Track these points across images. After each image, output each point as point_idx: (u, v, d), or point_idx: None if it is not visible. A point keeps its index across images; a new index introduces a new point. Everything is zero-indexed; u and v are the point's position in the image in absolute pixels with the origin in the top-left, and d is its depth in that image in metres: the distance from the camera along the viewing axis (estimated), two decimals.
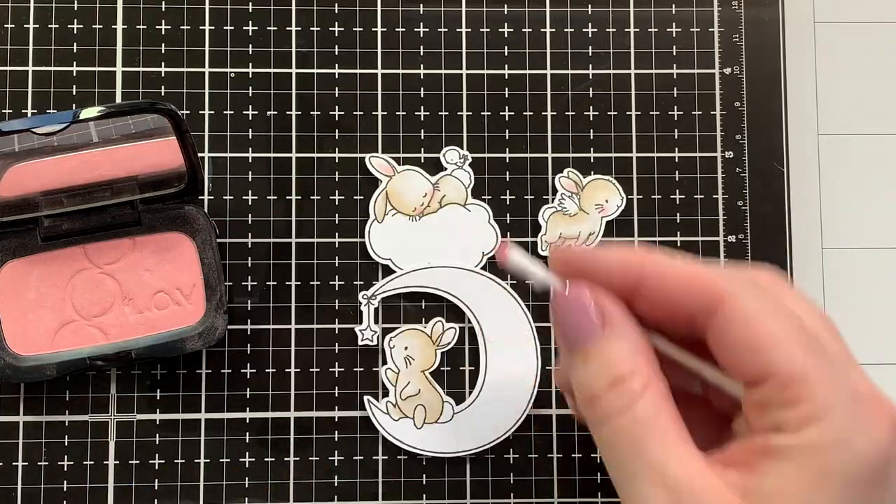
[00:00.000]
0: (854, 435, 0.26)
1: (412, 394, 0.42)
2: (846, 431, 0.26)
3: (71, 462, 0.42)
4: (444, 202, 0.43)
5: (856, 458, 0.26)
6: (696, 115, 0.44)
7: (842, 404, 0.27)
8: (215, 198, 0.43)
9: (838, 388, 0.27)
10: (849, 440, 0.26)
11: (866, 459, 0.26)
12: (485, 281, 0.43)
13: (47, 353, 0.40)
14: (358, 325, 0.42)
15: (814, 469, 0.26)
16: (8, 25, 0.43)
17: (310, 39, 0.44)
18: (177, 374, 0.42)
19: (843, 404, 0.27)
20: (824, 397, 0.27)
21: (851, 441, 0.26)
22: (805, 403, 0.27)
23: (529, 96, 0.44)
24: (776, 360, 0.27)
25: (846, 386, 0.27)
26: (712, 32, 0.45)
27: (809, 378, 0.27)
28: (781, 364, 0.27)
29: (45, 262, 0.41)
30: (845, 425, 0.26)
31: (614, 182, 0.44)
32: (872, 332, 0.44)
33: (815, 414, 0.27)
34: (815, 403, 0.27)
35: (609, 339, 0.29)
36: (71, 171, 0.39)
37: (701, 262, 0.30)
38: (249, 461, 0.42)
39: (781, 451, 0.27)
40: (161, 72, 0.43)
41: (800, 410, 0.27)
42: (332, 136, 0.44)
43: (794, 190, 0.44)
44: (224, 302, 0.41)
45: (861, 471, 0.26)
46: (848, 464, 0.26)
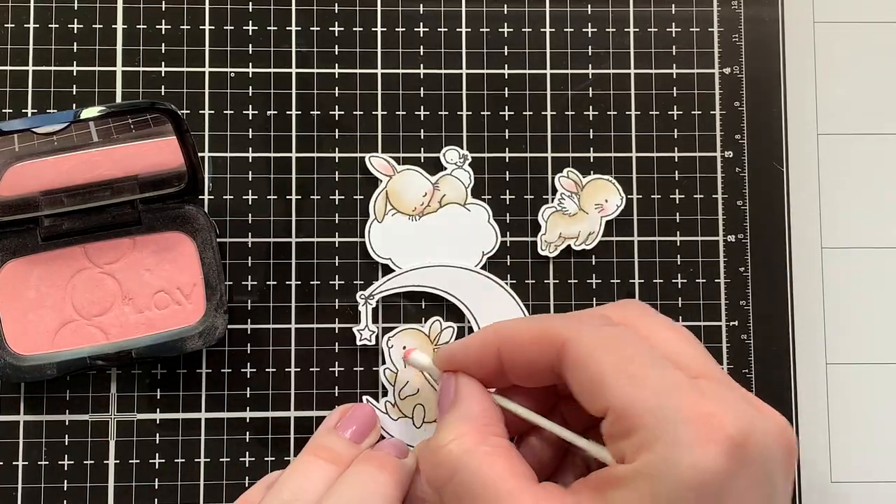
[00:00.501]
0: (678, 459, 0.27)
1: (411, 393, 0.42)
2: (670, 456, 0.27)
3: (71, 461, 0.42)
4: (444, 202, 0.43)
5: (681, 482, 0.27)
6: (696, 114, 0.44)
7: (667, 430, 0.28)
8: (215, 197, 0.43)
9: (665, 414, 0.28)
10: (673, 465, 0.27)
11: (691, 482, 0.27)
12: (484, 280, 0.43)
13: (47, 353, 0.40)
14: (357, 324, 0.43)
15: (646, 496, 0.28)
16: (8, 25, 0.43)
17: (310, 39, 0.44)
18: (177, 373, 0.42)
19: (669, 430, 0.28)
20: (652, 425, 0.28)
21: (675, 466, 0.27)
22: (636, 433, 0.28)
23: (529, 96, 0.44)
24: (609, 396, 0.29)
25: (674, 410, 0.28)
26: (712, 32, 0.45)
27: (637, 408, 0.28)
28: (613, 398, 0.29)
29: (45, 262, 0.41)
30: (670, 451, 0.27)
31: (614, 182, 0.44)
32: (872, 331, 0.44)
33: (645, 442, 0.28)
34: (644, 432, 0.28)
35: (449, 413, 0.34)
36: (71, 171, 0.39)
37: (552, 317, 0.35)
38: (249, 461, 0.42)
39: (621, 479, 0.28)
40: (161, 71, 0.43)
41: (632, 440, 0.28)
42: (332, 136, 0.44)
43: (793, 190, 0.44)
44: (224, 301, 0.41)
45: (688, 494, 0.27)
46: (674, 488, 0.27)
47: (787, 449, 0.29)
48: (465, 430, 0.33)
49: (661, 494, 0.27)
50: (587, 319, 0.33)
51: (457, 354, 0.36)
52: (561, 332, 0.32)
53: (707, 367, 0.31)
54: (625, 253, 0.44)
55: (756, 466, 0.28)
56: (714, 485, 0.27)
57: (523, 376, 0.34)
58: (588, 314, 0.34)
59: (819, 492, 0.44)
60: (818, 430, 0.44)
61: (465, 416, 0.34)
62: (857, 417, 0.44)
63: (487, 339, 0.35)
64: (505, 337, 0.34)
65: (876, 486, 0.44)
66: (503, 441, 0.33)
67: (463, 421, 0.33)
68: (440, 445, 0.32)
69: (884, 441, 0.44)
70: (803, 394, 0.44)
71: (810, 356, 0.44)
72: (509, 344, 0.34)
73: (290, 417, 0.42)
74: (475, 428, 0.33)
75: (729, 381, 0.31)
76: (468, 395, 0.34)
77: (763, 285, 0.44)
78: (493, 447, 0.32)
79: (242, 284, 0.43)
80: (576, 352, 0.31)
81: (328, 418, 0.40)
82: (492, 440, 0.32)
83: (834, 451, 0.44)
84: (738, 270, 0.44)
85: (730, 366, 0.43)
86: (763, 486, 0.28)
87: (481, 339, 0.35)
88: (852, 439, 0.44)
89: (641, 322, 0.33)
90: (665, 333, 0.32)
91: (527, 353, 0.33)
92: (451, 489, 0.32)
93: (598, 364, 0.30)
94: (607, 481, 0.29)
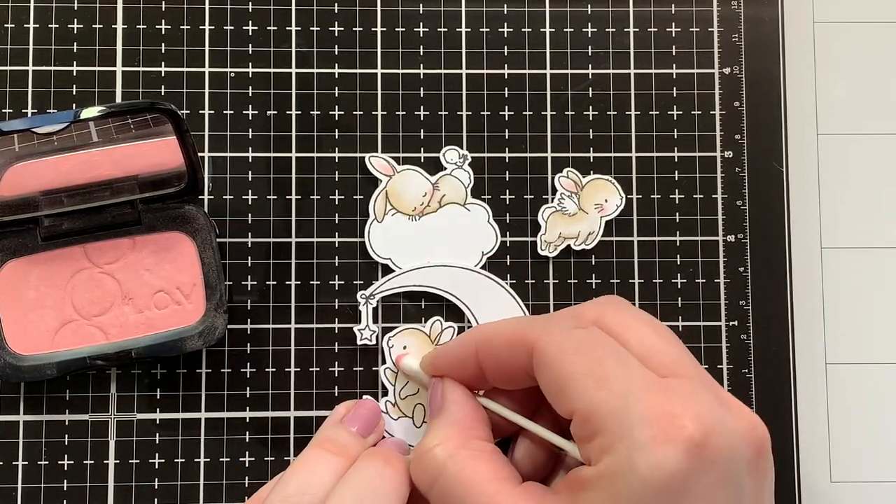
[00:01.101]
0: (637, 460, 0.27)
1: (411, 393, 0.42)
2: (630, 458, 0.27)
3: (71, 461, 0.42)
4: (444, 202, 0.43)
5: (641, 483, 0.27)
6: (696, 114, 0.44)
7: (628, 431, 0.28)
8: (215, 197, 0.43)
9: (628, 417, 0.28)
10: (632, 466, 0.27)
11: (651, 483, 0.27)
12: (484, 280, 0.43)
13: (47, 353, 0.40)
14: (357, 324, 0.43)
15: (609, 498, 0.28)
16: (8, 25, 0.43)
17: (310, 39, 0.44)
18: (177, 373, 0.42)
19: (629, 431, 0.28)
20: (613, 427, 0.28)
21: (635, 466, 0.27)
22: (599, 436, 0.29)
23: (529, 96, 0.44)
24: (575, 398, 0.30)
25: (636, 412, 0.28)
26: (712, 32, 0.45)
27: (600, 411, 0.29)
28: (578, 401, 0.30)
29: (45, 262, 0.41)
30: (629, 452, 0.28)
31: (614, 182, 0.44)
32: (872, 331, 0.44)
33: (607, 444, 0.28)
34: (607, 434, 0.28)
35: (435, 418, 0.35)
36: (71, 171, 0.39)
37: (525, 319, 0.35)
38: (249, 461, 0.42)
39: (587, 481, 0.29)
40: (161, 71, 0.43)
41: (596, 443, 0.29)
42: (332, 136, 0.44)
43: (793, 190, 0.44)
44: (224, 301, 0.41)
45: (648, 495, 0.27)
46: (635, 489, 0.27)
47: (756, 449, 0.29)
48: (448, 435, 0.33)
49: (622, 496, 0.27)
50: (558, 321, 0.33)
51: (441, 359, 0.37)
52: (530, 336, 0.32)
53: (681, 364, 0.31)
54: (625, 253, 0.44)
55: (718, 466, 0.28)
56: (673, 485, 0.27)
57: (501, 379, 0.35)
58: (561, 315, 0.34)
59: (819, 492, 0.44)
60: (818, 430, 0.44)
61: (449, 420, 0.34)
62: (857, 417, 0.44)
63: (466, 343, 0.35)
64: (481, 340, 0.35)
65: (876, 486, 0.44)
66: (486, 444, 0.33)
67: (447, 426, 0.34)
68: (425, 450, 0.33)
69: (884, 441, 0.44)
70: (803, 394, 0.44)
71: (810, 356, 0.44)
72: (484, 347, 0.34)
73: (290, 417, 0.42)
74: (458, 432, 0.33)
75: (703, 379, 0.31)
76: (453, 399, 0.35)
77: (763, 285, 0.44)
78: (476, 451, 0.32)
79: (242, 284, 0.43)
80: (544, 355, 0.31)
81: (334, 412, 0.40)
82: (474, 444, 0.33)
83: (834, 451, 0.44)
84: (738, 270, 0.44)
85: (730, 366, 0.43)
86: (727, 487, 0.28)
87: (461, 342, 0.36)
88: (852, 439, 0.44)
89: (617, 319, 0.33)
90: (640, 330, 0.32)
91: (501, 357, 0.34)
92: (435, 492, 0.32)
93: (565, 367, 0.30)
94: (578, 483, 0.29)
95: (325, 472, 0.36)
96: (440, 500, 0.32)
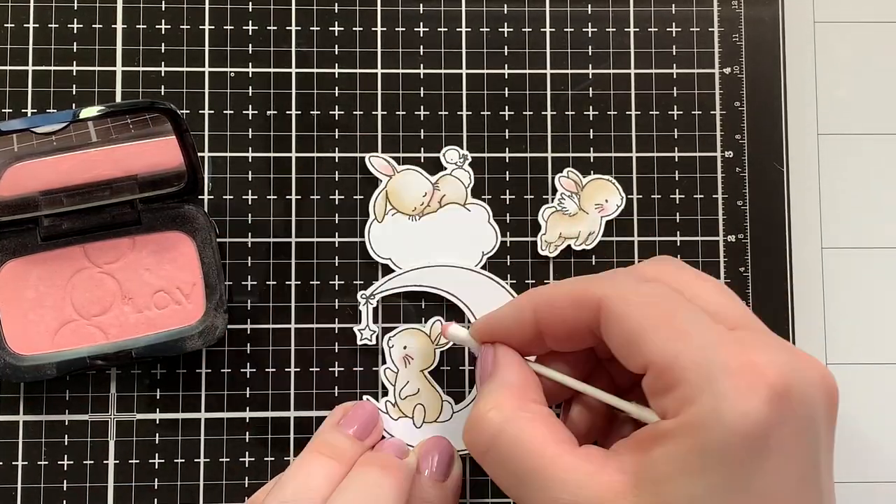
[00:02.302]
0: (723, 411, 0.27)
1: (411, 393, 0.42)
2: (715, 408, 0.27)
3: (71, 461, 0.42)
4: (444, 202, 0.43)
5: (727, 433, 0.27)
6: (696, 114, 0.44)
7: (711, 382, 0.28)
8: (215, 197, 0.43)
9: (708, 367, 0.28)
10: (718, 416, 0.27)
11: (738, 433, 0.27)
12: (484, 280, 0.43)
13: (47, 353, 0.40)
14: (357, 324, 0.43)
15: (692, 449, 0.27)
16: (8, 25, 0.43)
17: (310, 39, 0.44)
18: (176, 373, 0.42)
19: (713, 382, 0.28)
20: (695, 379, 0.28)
21: (721, 417, 0.27)
22: (679, 387, 0.28)
23: (529, 96, 0.44)
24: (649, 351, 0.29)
25: (717, 363, 0.28)
26: (712, 32, 0.45)
27: (679, 362, 0.28)
28: (654, 354, 0.29)
29: (44, 262, 0.41)
30: (714, 403, 0.27)
31: (614, 182, 0.44)
32: (872, 331, 0.44)
33: (689, 396, 0.28)
34: (688, 386, 0.28)
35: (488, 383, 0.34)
36: (70, 171, 0.39)
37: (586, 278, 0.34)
38: (249, 461, 0.42)
39: (665, 434, 0.28)
40: (161, 71, 0.43)
41: (675, 395, 0.28)
42: (332, 136, 0.44)
43: (793, 190, 0.44)
44: (224, 301, 0.41)
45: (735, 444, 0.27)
46: (721, 439, 0.27)
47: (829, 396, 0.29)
48: (504, 398, 0.33)
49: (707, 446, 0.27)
50: (622, 277, 0.33)
51: (493, 324, 0.36)
52: (596, 292, 0.32)
53: (745, 317, 0.31)
54: (625, 253, 0.44)
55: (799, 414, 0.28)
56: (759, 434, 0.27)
57: (562, 340, 0.34)
58: (622, 272, 0.34)
59: None
60: None
61: (504, 384, 0.34)
62: (856, 417, 0.44)
63: (522, 307, 0.34)
64: (540, 302, 0.34)
65: (876, 487, 0.44)
66: (542, 408, 0.33)
67: (501, 389, 0.33)
68: (480, 414, 0.32)
69: (884, 441, 0.44)
70: None
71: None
72: (545, 308, 0.34)
73: (290, 417, 0.42)
74: (514, 395, 0.33)
75: (767, 331, 0.31)
76: (506, 364, 0.35)
77: (763, 285, 0.44)
78: (533, 413, 0.32)
79: (242, 284, 0.43)
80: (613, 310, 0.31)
81: (331, 415, 0.40)
82: (531, 406, 0.32)
83: (834, 451, 0.44)
84: (738, 270, 0.44)
85: None
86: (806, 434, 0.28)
87: (516, 306, 0.35)
88: (852, 439, 0.44)
89: (676, 276, 0.32)
90: (700, 286, 0.32)
91: (564, 316, 0.33)
92: (492, 456, 0.32)
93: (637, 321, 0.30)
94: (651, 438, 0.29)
95: (322, 477, 0.36)
96: (497, 464, 0.31)
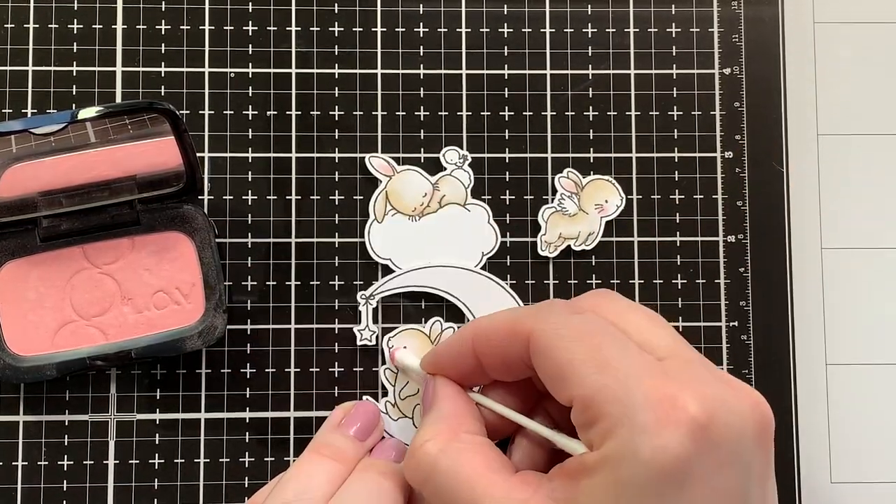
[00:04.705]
0: (639, 444, 0.27)
1: (411, 393, 0.42)
2: (632, 442, 0.27)
3: (71, 462, 0.42)
4: (444, 202, 0.43)
5: (644, 467, 0.27)
6: (696, 115, 0.44)
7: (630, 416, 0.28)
8: (215, 198, 0.43)
9: (629, 400, 0.28)
10: (635, 450, 0.27)
11: (654, 467, 0.27)
12: (484, 281, 0.43)
13: (47, 354, 0.40)
14: (357, 325, 0.43)
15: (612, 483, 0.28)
16: (8, 25, 0.43)
17: (310, 39, 0.44)
18: (176, 373, 0.42)
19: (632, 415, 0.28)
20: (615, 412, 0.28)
21: (637, 451, 0.27)
22: (601, 421, 0.28)
23: (529, 96, 0.44)
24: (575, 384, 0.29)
25: (638, 396, 0.28)
26: (712, 32, 0.45)
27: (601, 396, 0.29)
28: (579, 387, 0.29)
29: (44, 263, 0.41)
30: (631, 436, 0.27)
31: (614, 182, 0.44)
32: (872, 332, 0.44)
33: (609, 429, 0.28)
34: (609, 419, 0.28)
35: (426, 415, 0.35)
36: (69, 172, 0.39)
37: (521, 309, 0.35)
38: (249, 461, 0.42)
39: (588, 467, 0.29)
40: (161, 72, 0.43)
41: (597, 428, 0.29)
42: (332, 136, 0.44)
43: (793, 190, 0.44)
44: (223, 301, 0.41)
45: (651, 479, 0.27)
46: (638, 474, 0.27)
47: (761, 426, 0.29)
48: (439, 430, 0.33)
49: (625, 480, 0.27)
50: (555, 309, 0.33)
51: (440, 354, 0.37)
52: (527, 324, 0.32)
53: (676, 347, 0.31)
54: (625, 253, 0.44)
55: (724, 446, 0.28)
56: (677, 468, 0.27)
57: (499, 370, 0.34)
58: (558, 305, 0.34)
59: (819, 492, 0.44)
60: (818, 430, 0.44)
61: (439, 416, 0.34)
62: (857, 418, 0.44)
63: (464, 337, 0.35)
64: (478, 333, 0.34)
65: (876, 487, 0.44)
66: (477, 437, 0.33)
67: (437, 421, 0.34)
68: (417, 446, 0.33)
69: (884, 441, 0.44)
70: (803, 394, 0.44)
71: (810, 357, 0.44)
72: (482, 339, 0.34)
73: (290, 418, 0.42)
74: (449, 426, 0.33)
75: (700, 360, 0.31)
76: (443, 396, 0.35)
77: (763, 286, 0.44)
78: (467, 443, 0.32)
79: (242, 285, 0.43)
80: (541, 343, 0.31)
81: (331, 416, 0.40)
82: (465, 437, 0.33)
83: (834, 452, 0.44)
84: (738, 271, 0.44)
85: (730, 366, 0.43)
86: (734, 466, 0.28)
87: (459, 337, 0.36)
88: (852, 439, 0.44)
89: (610, 307, 0.33)
90: (633, 317, 0.32)
91: (498, 347, 0.33)
92: (430, 487, 0.32)
93: (563, 354, 0.30)
94: (578, 469, 0.29)
95: (323, 478, 0.36)
96: (434, 495, 0.32)
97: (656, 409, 0.27)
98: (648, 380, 0.28)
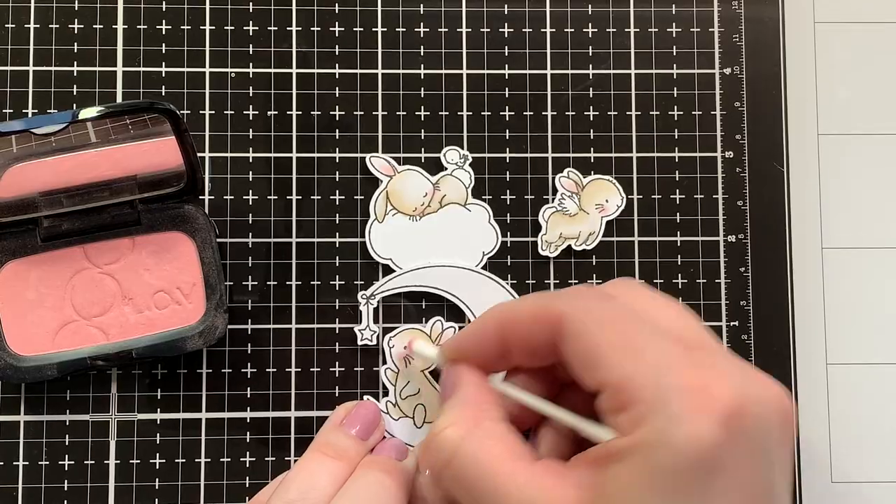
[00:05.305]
0: (673, 431, 0.27)
1: (412, 393, 0.42)
2: (666, 429, 0.27)
3: (72, 461, 0.42)
4: (445, 202, 0.43)
5: (677, 454, 0.27)
6: (696, 115, 0.44)
7: (664, 403, 0.28)
8: (216, 197, 0.43)
9: (662, 388, 0.28)
10: (669, 437, 0.27)
11: (687, 454, 0.27)
12: (485, 280, 0.43)
13: (48, 354, 0.40)
14: (357, 325, 0.43)
15: (643, 469, 0.28)
16: (8, 25, 0.43)
17: (310, 39, 0.44)
18: (177, 373, 0.42)
19: (665, 403, 0.28)
20: (648, 399, 0.28)
21: (671, 438, 0.27)
22: (633, 407, 0.28)
23: (529, 96, 0.44)
24: (605, 369, 0.30)
25: (671, 384, 0.28)
26: (712, 32, 0.45)
27: (634, 382, 0.29)
28: (610, 372, 0.29)
29: (44, 263, 0.41)
30: (665, 423, 0.27)
31: (614, 182, 0.44)
32: (872, 331, 0.44)
33: (642, 415, 0.28)
34: (641, 405, 0.28)
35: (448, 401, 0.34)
36: (70, 172, 0.39)
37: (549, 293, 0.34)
38: (250, 461, 0.42)
39: (618, 453, 0.29)
40: (161, 72, 0.43)
41: (629, 414, 0.29)
42: (333, 136, 0.44)
43: (793, 190, 0.44)
44: (224, 301, 0.41)
45: (684, 466, 0.27)
46: (670, 460, 0.27)
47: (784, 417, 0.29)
48: (460, 416, 0.33)
49: (657, 467, 0.27)
50: (584, 294, 0.33)
51: (461, 341, 0.36)
52: (557, 308, 0.32)
53: (703, 338, 0.31)
54: (625, 253, 0.44)
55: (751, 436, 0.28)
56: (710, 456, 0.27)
57: (525, 355, 0.34)
58: (585, 289, 0.34)
59: (819, 492, 0.44)
60: (818, 430, 0.44)
61: (461, 402, 0.34)
62: (857, 417, 0.44)
63: (488, 322, 0.35)
64: (504, 318, 0.34)
65: (876, 486, 0.44)
66: (500, 425, 0.33)
67: (459, 407, 0.34)
68: (437, 432, 0.33)
69: (884, 441, 0.44)
70: (803, 394, 0.44)
71: (810, 356, 0.44)
72: (509, 324, 0.34)
73: (291, 417, 0.42)
74: (471, 413, 0.33)
75: (725, 352, 0.31)
76: (465, 382, 0.35)
77: (763, 285, 0.44)
78: (489, 430, 0.32)
79: (243, 284, 0.43)
80: (572, 327, 0.31)
81: (333, 415, 0.40)
82: (487, 424, 0.33)
83: (834, 451, 0.44)
84: (739, 271, 0.44)
85: None
86: (759, 456, 0.28)
87: (482, 322, 0.35)
88: (852, 439, 0.44)
89: (637, 297, 0.33)
90: (660, 307, 0.32)
91: (526, 332, 0.33)
92: (448, 474, 0.32)
93: (594, 338, 0.30)
94: (606, 455, 0.29)
95: (326, 477, 0.36)
96: (453, 482, 0.32)
97: (690, 397, 0.28)
98: (680, 368, 0.29)
